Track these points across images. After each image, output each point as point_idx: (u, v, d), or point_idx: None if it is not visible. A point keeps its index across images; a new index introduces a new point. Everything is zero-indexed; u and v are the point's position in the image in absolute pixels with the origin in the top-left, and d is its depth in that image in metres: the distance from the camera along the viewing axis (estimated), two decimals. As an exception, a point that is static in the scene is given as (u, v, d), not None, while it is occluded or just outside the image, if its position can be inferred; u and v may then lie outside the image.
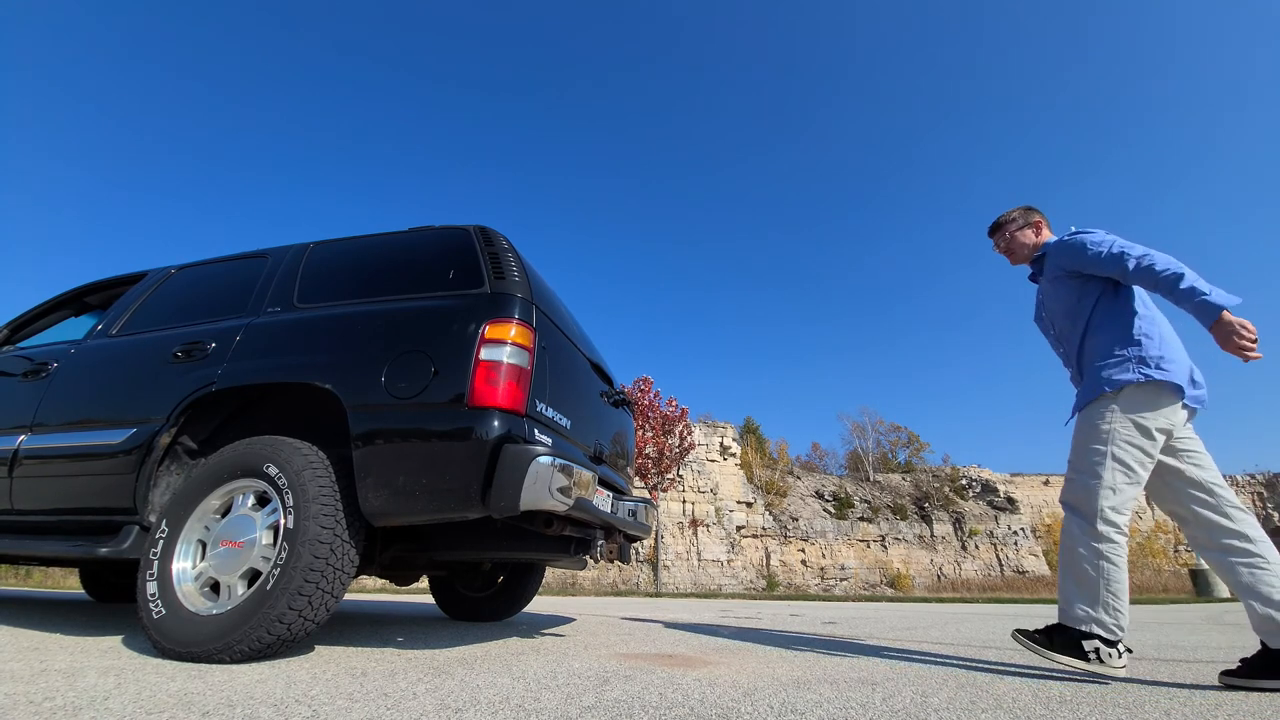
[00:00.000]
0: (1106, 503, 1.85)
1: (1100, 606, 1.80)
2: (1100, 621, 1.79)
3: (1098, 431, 1.92)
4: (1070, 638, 1.81)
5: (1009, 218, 2.36)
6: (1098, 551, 1.83)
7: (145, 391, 2.27)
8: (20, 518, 2.36)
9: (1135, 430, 1.88)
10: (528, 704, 1.33)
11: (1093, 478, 1.89)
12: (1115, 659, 1.76)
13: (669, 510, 18.60)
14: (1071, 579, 1.86)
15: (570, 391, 2.35)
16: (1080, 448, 1.97)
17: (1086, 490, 1.90)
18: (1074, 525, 1.91)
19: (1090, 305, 2.06)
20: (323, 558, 1.71)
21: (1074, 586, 1.85)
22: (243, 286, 2.57)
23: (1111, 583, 1.80)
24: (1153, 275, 1.86)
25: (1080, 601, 1.83)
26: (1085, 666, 1.77)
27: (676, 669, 1.86)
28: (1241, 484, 27.19)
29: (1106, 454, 1.89)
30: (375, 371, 1.94)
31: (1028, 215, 2.34)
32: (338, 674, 1.60)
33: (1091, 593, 1.81)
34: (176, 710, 1.18)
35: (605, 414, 2.82)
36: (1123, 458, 1.87)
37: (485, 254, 2.22)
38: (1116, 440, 1.88)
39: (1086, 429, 1.97)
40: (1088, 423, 1.97)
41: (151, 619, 1.76)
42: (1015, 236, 2.34)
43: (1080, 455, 1.97)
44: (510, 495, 1.72)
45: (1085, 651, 1.77)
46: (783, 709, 1.34)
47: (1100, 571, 1.81)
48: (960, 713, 1.34)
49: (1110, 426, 1.90)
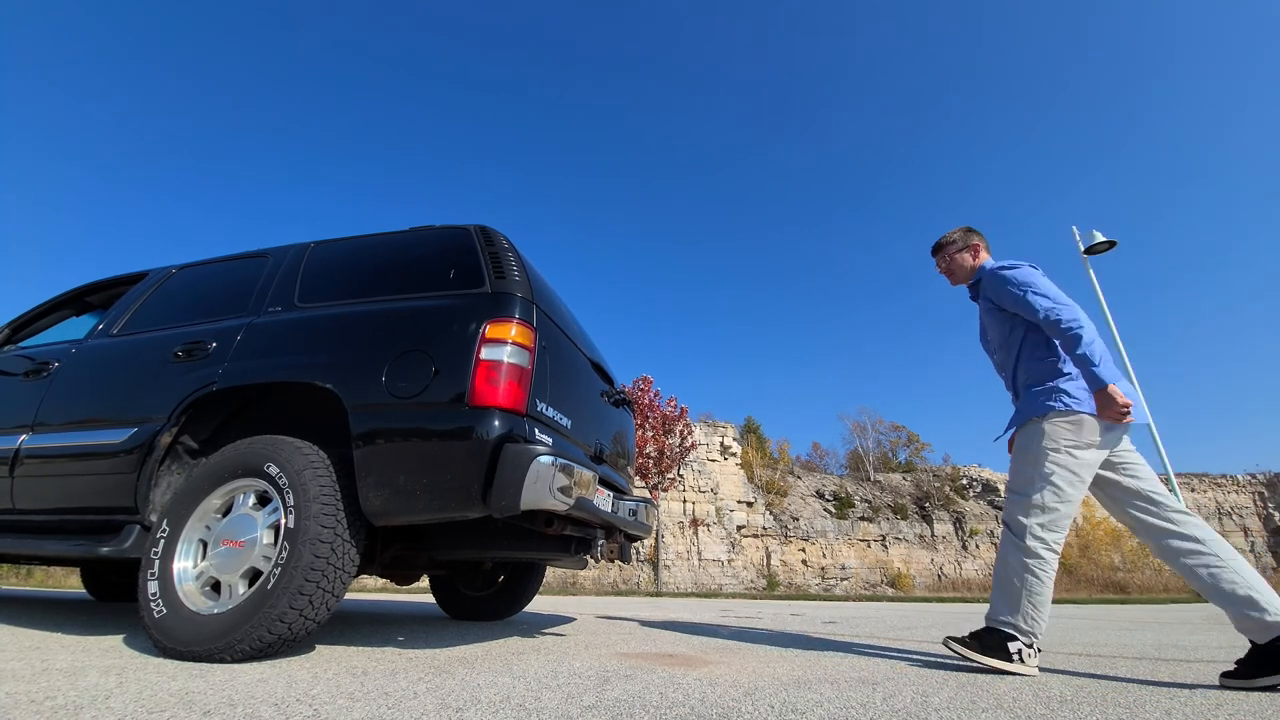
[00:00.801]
0: (1035, 520, 1.99)
1: (1020, 615, 1.93)
2: (1017, 627, 1.92)
3: (1029, 455, 2.07)
4: (997, 640, 1.93)
5: (949, 239, 2.45)
6: (1025, 565, 1.96)
7: (146, 391, 2.27)
8: (22, 517, 2.36)
9: (1063, 453, 2.00)
10: (528, 703, 1.33)
11: (1023, 497, 2.04)
12: (1032, 659, 1.90)
13: (669, 510, 18.59)
14: (1000, 587, 2.01)
15: (571, 391, 2.35)
16: (1015, 470, 2.12)
17: (1018, 508, 2.04)
18: (1007, 540, 2.05)
19: (1020, 338, 2.20)
20: (323, 557, 1.71)
21: (1001, 594, 2.00)
22: (243, 286, 2.57)
23: (1034, 595, 1.93)
24: (1056, 329, 2.03)
25: (1005, 609, 1.97)
26: (1008, 667, 1.88)
27: (677, 668, 1.86)
28: (1242, 484, 27.12)
29: (1035, 475, 2.03)
30: (376, 371, 1.94)
31: (967, 237, 2.42)
32: (339, 673, 1.60)
33: (1015, 602, 1.95)
34: (178, 709, 1.18)
35: (606, 413, 2.82)
36: (1052, 478, 2.00)
37: (486, 253, 2.22)
38: (1046, 462, 2.01)
39: (1020, 452, 2.12)
40: (1021, 446, 2.12)
41: (153, 618, 1.77)
42: (955, 258, 2.43)
43: (1015, 477, 2.12)
44: (511, 495, 1.72)
45: (1010, 653, 1.90)
46: (783, 708, 1.34)
47: (1025, 584, 1.95)
48: (961, 712, 1.34)
49: (1040, 449, 2.03)
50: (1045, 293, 2.08)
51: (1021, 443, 2.11)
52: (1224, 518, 26.26)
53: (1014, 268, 2.20)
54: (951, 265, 2.43)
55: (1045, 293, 2.08)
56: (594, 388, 2.70)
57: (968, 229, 2.44)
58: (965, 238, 2.42)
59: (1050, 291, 2.09)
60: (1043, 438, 2.03)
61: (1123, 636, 3.22)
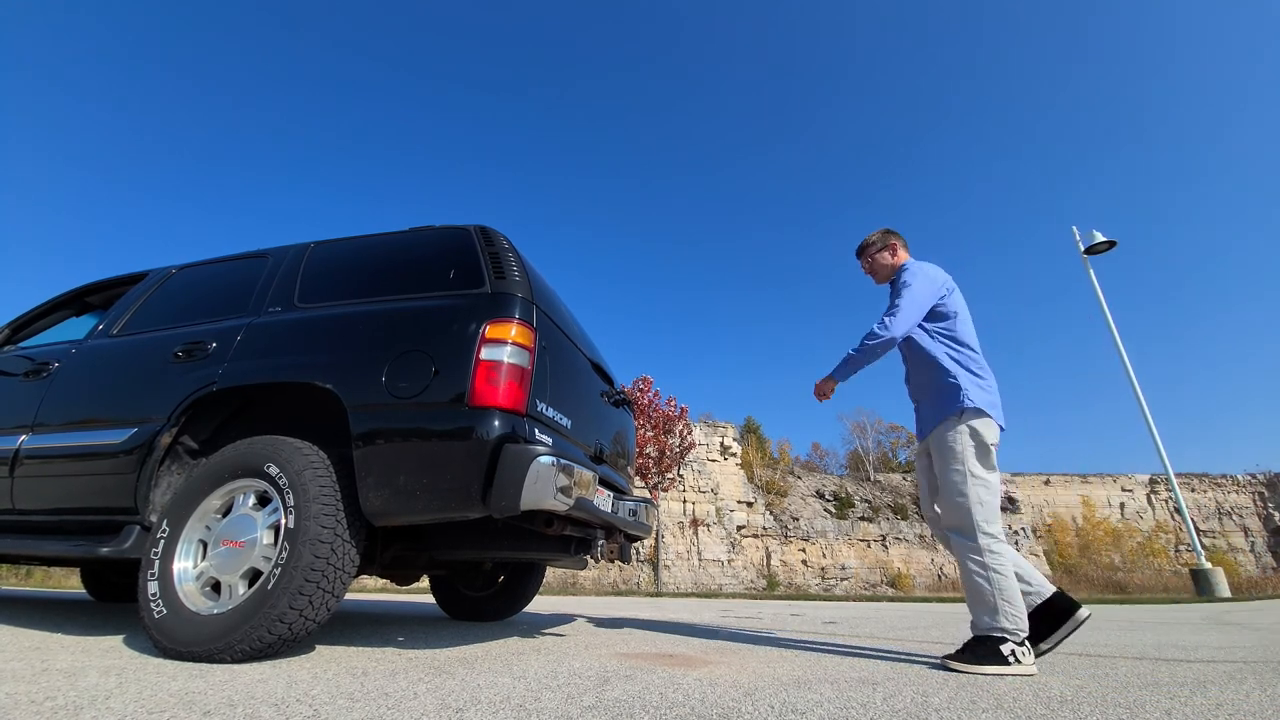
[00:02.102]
0: (979, 516, 2.04)
1: (1001, 616, 1.95)
2: (1003, 629, 1.94)
3: (952, 453, 2.11)
4: (990, 648, 1.94)
5: (870, 241, 2.55)
6: (984, 564, 2.00)
7: (146, 391, 2.27)
8: (22, 517, 2.36)
9: (980, 448, 2.10)
10: (528, 704, 1.33)
11: (960, 496, 2.08)
12: (1027, 656, 1.91)
13: (669, 510, 18.59)
14: (972, 595, 2.03)
15: (571, 391, 2.35)
16: (943, 474, 2.15)
17: (960, 511, 2.08)
18: (961, 546, 2.07)
19: (927, 338, 2.29)
20: (323, 557, 1.71)
21: (975, 601, 2.02)
22: (243, 286, 2.57)
23: (1003, 590, 1.97)
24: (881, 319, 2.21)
25: (983, 614, 1.99)
26: (1009, 670, 1.88)
27: (677, 669, 1.86)
28: (1242, 484, 27.09)
29: (965, 472, 2.08)
30: (376, 371, 1.94)
31: (885, 238, 2.52)
32: (339, 673, 1.60)
33: (989, 603, 1.98)
34: (178, 709, 1.18)
35: (606, 414, 2.82)
36: (978, 472, 2.08)
37: (486, 254, 2.22)
38: (969, 459, 2.09)
39: (942, 453, 2.15)
40: (941, 447, 2.16)
41: (153, 618, 1.76)
42: (876, 259, 2.52)
43: (945, 480, 2.14)
44: (511, 495, 1.72)
45: (1005, 656, 1.90)
46: (783, 709, 1.34)
47: (991, 582, 1.98)
48: (961, 712, 1.34)
49: (961, 446, 2.10)
50: (909, 297, 2.23)
51: (941, 443, 2.15)
52: (1224, 518, 26.26)
53: (911, 267, 2.34)
54: (874, 265, 2.53)
55: (909, 297, 2.23)
56: (594, 388, 2.70)
57: (886, 230, 2.54)
58: (884, 238, 2.51)
59: (914, 298, 2.23)
60: (960, 434, 2.10)
61: (1122, 636, 3.22)
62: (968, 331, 2.31)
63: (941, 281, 2.34)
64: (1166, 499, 26.32)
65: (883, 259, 2.49)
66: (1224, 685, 1.73)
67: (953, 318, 2.29)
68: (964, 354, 2.25)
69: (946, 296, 2.31)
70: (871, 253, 2.52)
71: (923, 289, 2.27)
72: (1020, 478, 27.19)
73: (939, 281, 2.33)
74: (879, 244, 2.51)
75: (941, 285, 2.33)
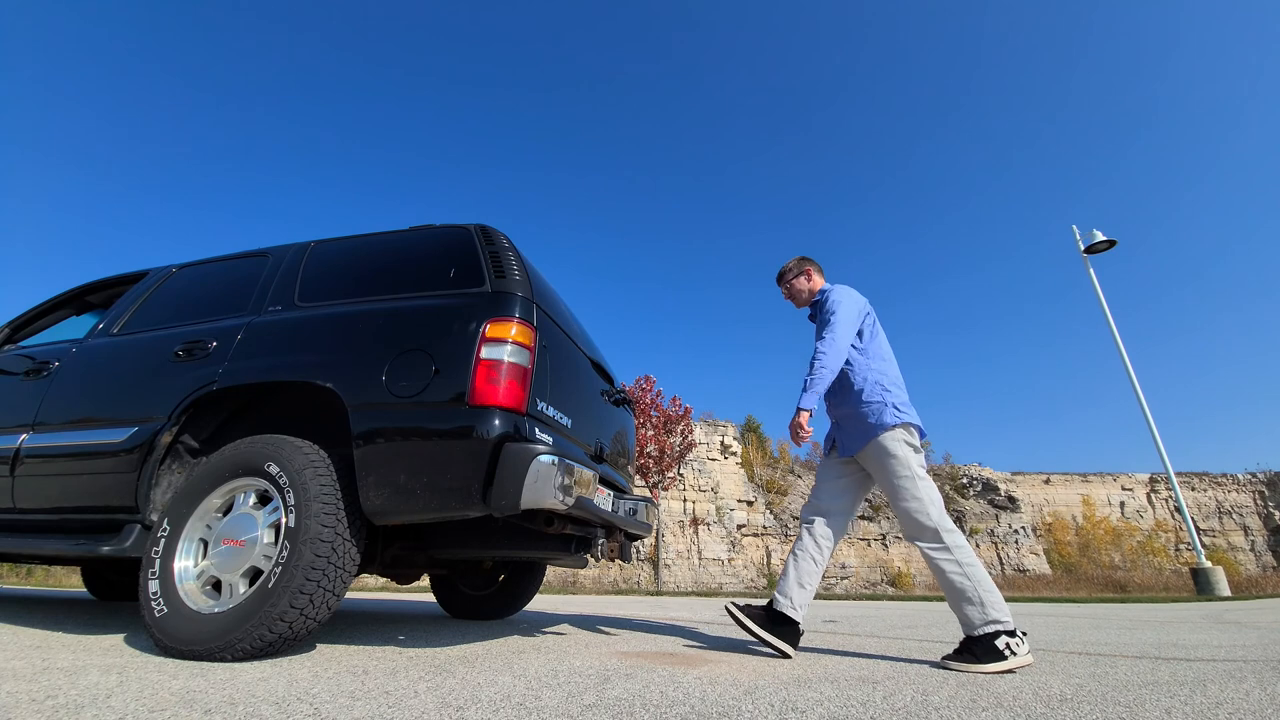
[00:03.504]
0: (936, 516, 2.12)
1: (988, 607, 1.99)
2: (993, 619, 1.97)
3: (895, 461, 2.20)
4: (986, 645, 1.95)
5: (787, 268, 2.68)
6: (959, 561, 2.06)
7: (147, 390, 2.27)
8: (22, 516, 2.36)
9: (916, 453, 2.22)
10: (529, 702, 1.33)
11: (915, 500, 2.14)
12: (1021, 647, 1.94)
13: (670, 509, 18.59)
14: (954, 597, 2.06)
15: (571, 390, 2.35)
16: (891, 483, 2.21)
17: (917, 516, 2.14)
18: (930, 552, 2.12)
19: (856, 355, 2.38)
20: (324, 556, 1.71)
21: (960, 601, 2.04)
22: (244, 285, 2.57)
23: (981, 582, 2.03)
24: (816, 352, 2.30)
25: (972, 611, 2.01)
26: (1008, 665, 1.90)
27: (677, 667, 1.86)
28: (1242, 482, 27.06)
29: (912, 475, 2.17)
30: (376, 370, 1.94)
31: (800, 265, 2.66)
32: (339, 672, 1.60)
33: (973, 598, 2.01)
34: (179, 708, 1.18)
35: (606, 412, 2.82)
36: (922, 475, 2.18)
37: (486, 253, 2.22)
38: (911, 463, 2.19)
39: (885, 464, 2.22)
40: (884, 458, 2.22)
41: (154, 617, 1.77)
42: (793, 284, 2.65)
43: (893, 489, 2.20)
44: (511, 494, 1.72)
45: (1002, 651, 1.92)
46: (784, 707, 1.34)
47: (971, 578, 2.04)
48: (961, 711, 1.34)
49: (902, 453, 2.20)
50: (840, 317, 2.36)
51: (879, 455, 2.23)
52: (1224, 516, 26.25)
53: (833, 291, 2.46)
54: (791, 291, 2.66)
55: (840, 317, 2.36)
56: (594, 387, 2.70)
57: (802, 258, 2.67)
58: (799, 265, 2.65)
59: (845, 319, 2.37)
60: (896, 443, 2.21)
61: (1122, 635, 3.22)
62: (887, 349, 2.47)
63: (863, 303, 2.49)
64: (1167, 498, 26.31)
65: (799, 284, 2.63)
66: (1224, 684, 1.73)
67: (874, 337, 2.44)
68: (889, 370, 2.39)
69: (867, 317, 2.47)
70: (790, 279, 2.65)
71: (849, 310, 2.40)
72: (1020, 477, 27.18)
73: (860, 303, 2.47)
74: (795, 270, 2.65)
75: (863, 306, 2.48)
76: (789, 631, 2.19)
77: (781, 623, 2.19)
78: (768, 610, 2.23)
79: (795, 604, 2.21)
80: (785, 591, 2.23)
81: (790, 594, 2.23)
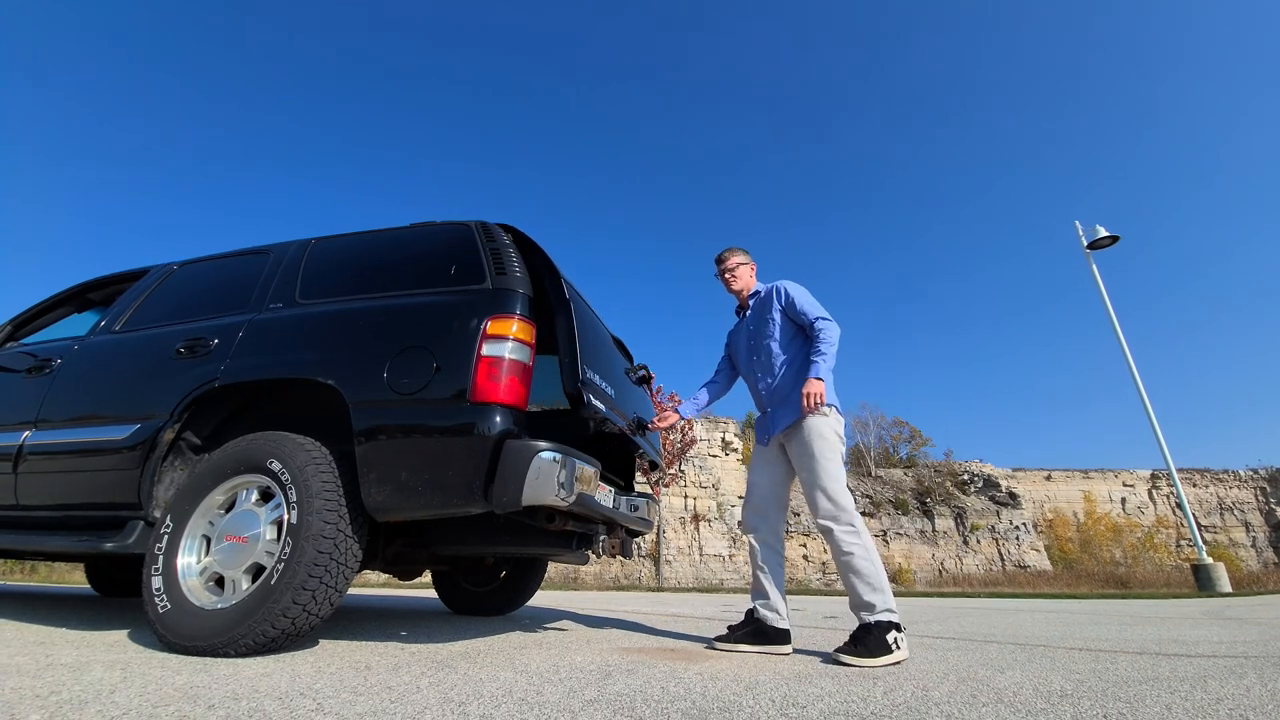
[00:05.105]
0: (842, 495, 2.17)
1: (886, 595, 2.03)
2: (889, 607, 2.01)
3: (820, 442, 2.24)
4: (878, 637, 1.95)
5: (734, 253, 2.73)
6: (865, 547, 2.09)
7: (149, 387, 2.27)
8: (26, 513, 2.37)
9: (833, 439, 2.26)
10: (530, 697, 1.33)
11: (836, 482, 2.19)
12: (904, 642, 1.97)
13: (670, 505, 18.63)
14: (855, 579, 2.08)
15: (608, 365, 2.44)
16: (813, 462, 2.23)
17: (837, 496, 2.17)
18: (839, 532, 2.14)
19: (799, 345, 2.47)
20: (326, 553, 1.72)
21: (860, 583, 2.07)
22: (245, 283, 2.57)
23: (881, 570, 2.09)
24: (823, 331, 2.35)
25: (871, 594, 2.04)
26: (893, 659, 1.92)
27: (678, 663, 1.87)
28: (1244, 479, 27.05)
29: (836, 456, 2.24)
30: (378, 367, 1.95)
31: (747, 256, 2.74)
32: (342, 668, 1.61)
33: (875, 581, 2.05)
34: (182, 704, 1.19)
35: (630, 390, 2.85)
36: (838, 460, 2.25)
37: (487, 249, 2.22)
38: (834, 447, 2.25)
39: (811, 442, 2.25)
40: (807, 439, 2.26)
41: (157, 613, 1.78)
42: (740, 272, 2.71)
43: (817, 468, 2.22)
44: (512, 490, 1.73)
45: (890, 646, 1.93)
46: (784, 702, 1.34)
47: (872, 560, 2.08)
48: (961, 707, 1.34)
49: (828, 437, 2.25)
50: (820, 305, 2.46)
51: (805, 437, 2.26)
52: (1225, 513, 26.26)
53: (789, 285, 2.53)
54: (735, 274, 2.69)
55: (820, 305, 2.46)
56: (619, 363, 2.78)
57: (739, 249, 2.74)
58: (747, 256, 2.74)
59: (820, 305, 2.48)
60: (825, 425, 2.26)
61: (1123, 631, 3.22)
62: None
63: None
64: (1168, 494, 26.32)
65: (745, 274, 2.70)
66: (1224, 680, 1.73)
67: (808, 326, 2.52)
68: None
69: None
70: (736, 263, 2.69)
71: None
72: (1021, 473, 27.19)
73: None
74: (748, 262, 2.73)
75: None
76: (779, 634, 2.22)
77: (773, 636, 2.22)
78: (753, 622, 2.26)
79: (782, 614, 2.25)
80: (771, 606, 2.26)
81: (776, 607, 2.26)
